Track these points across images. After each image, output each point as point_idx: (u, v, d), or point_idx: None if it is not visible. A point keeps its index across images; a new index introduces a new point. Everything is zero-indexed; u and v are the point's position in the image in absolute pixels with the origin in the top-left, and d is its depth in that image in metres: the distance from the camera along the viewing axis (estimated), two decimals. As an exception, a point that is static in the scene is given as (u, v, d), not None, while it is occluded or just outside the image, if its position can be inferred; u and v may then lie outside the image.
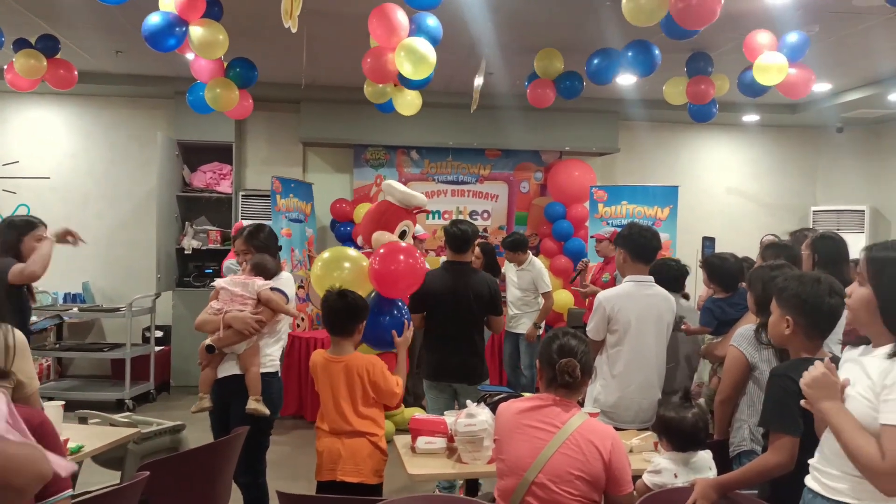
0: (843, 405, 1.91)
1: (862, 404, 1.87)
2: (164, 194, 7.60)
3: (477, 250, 5.91)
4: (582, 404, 3.10)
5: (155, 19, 4.20)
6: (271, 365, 3.74)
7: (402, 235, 4.00)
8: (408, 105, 5.46)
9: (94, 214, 8.03)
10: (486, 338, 4.71)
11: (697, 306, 4.67)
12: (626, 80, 7.05)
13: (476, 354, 4.37)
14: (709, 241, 7.50)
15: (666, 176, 8.82)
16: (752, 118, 8.67)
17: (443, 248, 8.42)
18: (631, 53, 4.99)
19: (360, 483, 3.17)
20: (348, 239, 8.06)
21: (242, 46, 5.28)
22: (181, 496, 2.99)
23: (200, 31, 4.37)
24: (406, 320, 3.77)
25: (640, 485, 2.65)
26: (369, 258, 3.83)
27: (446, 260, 4.50)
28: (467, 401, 3.20)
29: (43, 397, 2.89)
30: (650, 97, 7.69)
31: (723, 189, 9.30)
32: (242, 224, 5.68)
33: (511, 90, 6.95)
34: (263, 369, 3.68)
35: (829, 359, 2.20)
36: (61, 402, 3.29)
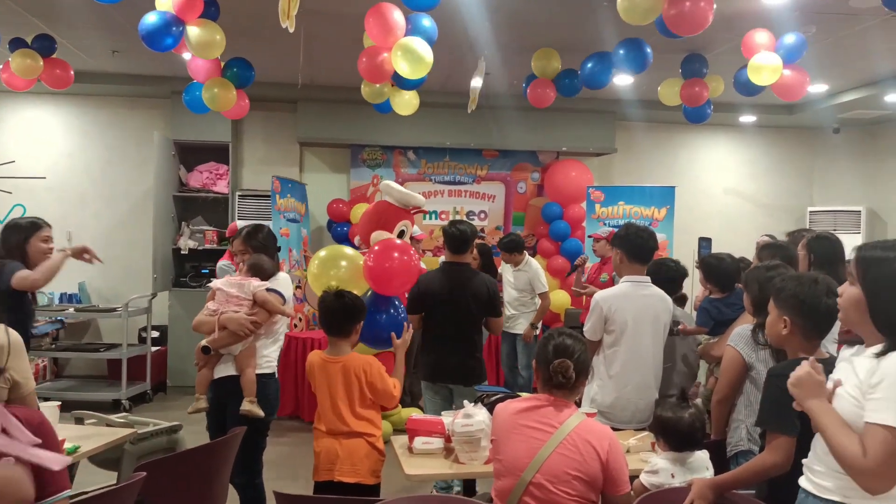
0: (828, 404, 1.92)
1: (849, 403, 1.88)
2: (161, 194, 7.59)
3: (474, 251, 5.89)
4: (579, 405, 3.10)
5: (152, 19, 4.18)
6: (268, 366, 3.71)
7: (401, 235, 4.00)
8: (405, 105, 5.45)
9: (90, 214, 8.02)
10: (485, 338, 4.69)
11: (694, 306, 4.67)
12: (622, 80, 7.07)
13: (474, 356, 4.34)
14: (705, 242, 7.52)
15: (663, 176, 8.83)
16: (749, 119, 8.68)
17: (440, 249, 8.48)
18: (623, 51, 4.97)
19: (358, 483, 3.17)
20: (345, 239, 8.05)
21: (239, 46, 5.28)
22: (178, 497, 2.98)
23: (197, 30, 4.36)
24: (404, 321, 3.76)
25: (637, 485, 2.65)
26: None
27: (445, 261, 4.48)
28: (464, 401, 3.20)
29: (39, 398, 2.88)
30: (647, 97, 7.70)
31: (720, 189, 9.31)
32: (237, 225, 5.68)
33: (508, 90, 6.96)
34: (260, 370, 3.65)
35: (826, 359, 2.20)
36: (57, 403, 3.29)
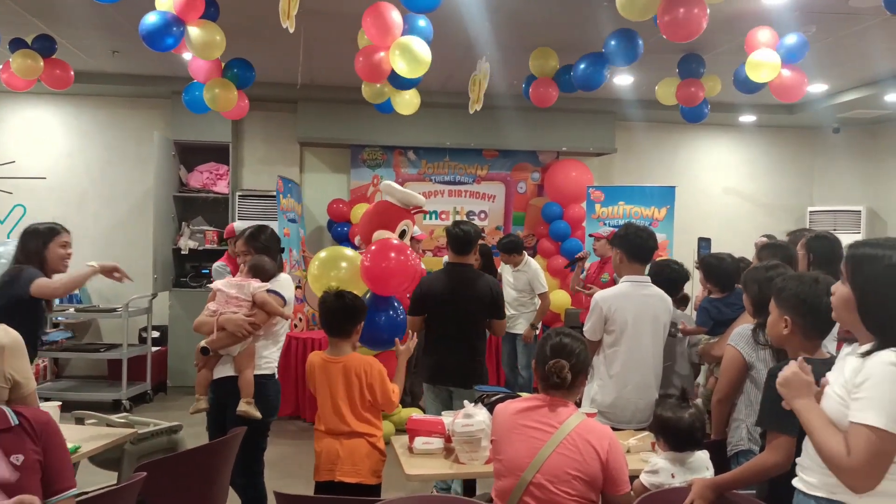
0: (815, 403, 1.93)
1: (835, 402, 1.89)
2: (161, 194, 7.59)
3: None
4: (579, 405, 3.10)
5: (152, 19, 4.17)
6: (267, 367, 3.70)
7: (402, 235, 4.00)
8: (406, 104, 5.45)
9: (90, 214, 8.02)
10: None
11: (694, 306, 4.66)
12: (622, 80, 7.08)
13: (475, 358, 4.29)
14: (704, 242, 7.51)
15: (663, 176, 8.83)
16: (749, 118, 8.68)
17: (440, 249, 8.48)
18: (614, 42, 4.91)
19: (359, 483, 3.17)
20: (345, 239, 8.06)
21: (239, 46, 5.27)
22: (178, 497, 2.98)
23: (198, 31, 4.35)
24: (404, 322, 3.75)
25: (637, 485, 2.65)
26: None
27: (448, 262, 4.44)
28: (465, 401, 3.20)
29: (40, 398, 2.88)
30: (647, 97, 7.69)
31: (720, 189, 9.31)
32: (234, 226, 5.66)
33: (508, 90, 6.95)
34: (259, 371, 3.64)
35: (827, 359, 2.20)
36: (58, 403, 3.29)
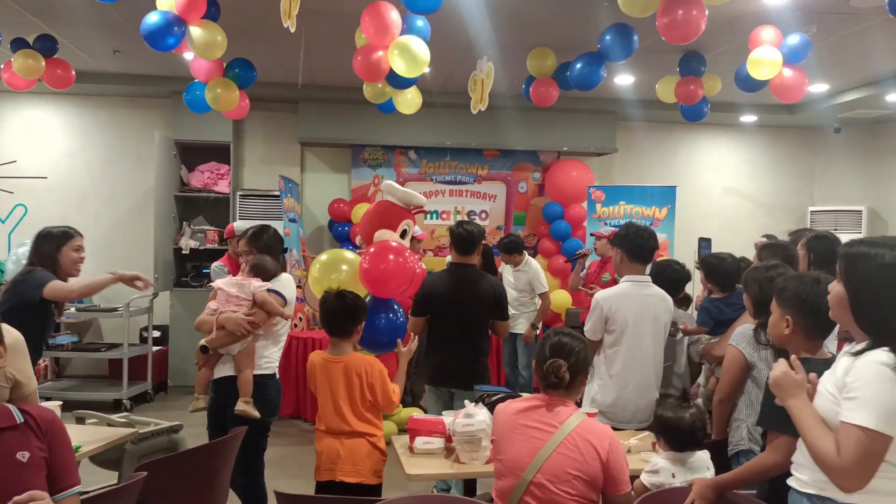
0: (806, 402, 1.94)
1: (827, 400, 1.90)
2: (162, 194, 7.59)
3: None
4: (580, 404, 3.10)
5: (154, 18, 4.17)
6: (267, 367, 3.69)
7: (403, 235, 3.98)
8: (408, 104, 5.45)
9: (91, 214, 8.02)
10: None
11: (696, 306, 4.66)
12: (623, 80, 7.08)
13: (478, 359, 4.25)
14: (705, 242, 7.50)
15: (664, 176, 8.83)
16: (749, 118, 8.68)
17: (441, 249, 8.48)
18: (609, 37, 4.86)
19: (359, 483, 3.17)
20: (346, 239, 8.06)
21: (240, 46, 5.27)
22: (179, 496, 2.98)
23: (199, 31, 4.35)
24: (404, 325, 3.74)
25: (637, 485, 2.65)
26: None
27: (451, 262, 4.42)
28: (465, 400, 3.20)
29: (41, 397, 2.88)
30: (648, 97, 7.69)
31: (720, 189, 9.31)
32: (234, 226, 5.66)
33: (509, 90, 6.95)
34: (259, 371, 3.64)
35: (828, 359, 2.20)
36: (59, 403, 3.29)
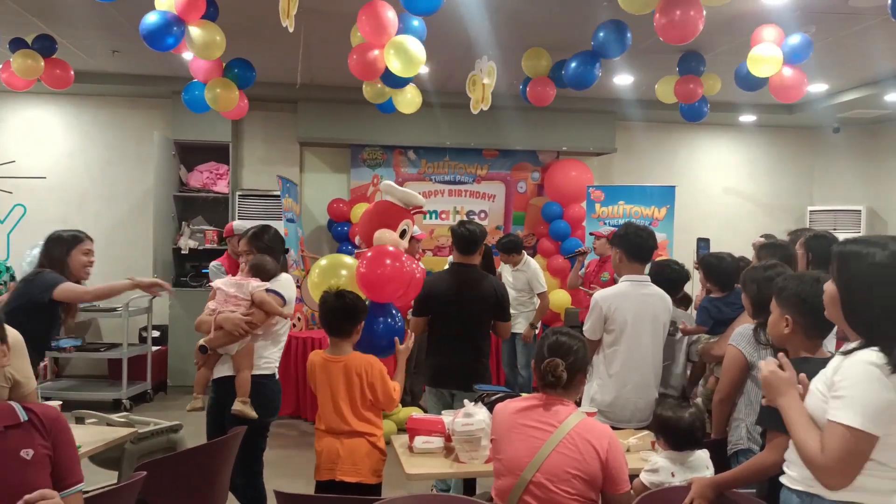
0: (796, 400, 1.95)
1: (817, 398, 1.90)
2: (161, 194, 7.60)
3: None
4: (579, 404, 3.10)
5: (153, 18, 4.16)
6: (266, 367, 3.69)
7: (402, 235, 3.97)
8: (408, 103, 5.45)
9: (90, 214, 8.01)
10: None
11: (695, 306, 4.66)
12: (622, 80, 7.08)
13: (479, 360, 4.22)
14: (703, 243, 7.50)
15: (663, 176, 8.84)
16: (749, 118, 8.68)
17: (440, 248, 8.48)
18: (602, 34, 4.82)
19: (359, 483, 3.17)
20: (345, 239, 8.06)
21: (239, 46, 5.27)
22: (178, 496, 2.98)
23: (198, 31, 4.35)
24: (402, 330, 3.73)
25: (637, 484, 2.66)
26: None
27: (453, 261, 4.39)
28: (465, 400, 3.20)
29: (41, 397, 2.88)
30: (647, 97, 7.69)
31: (720, 189, 9.31)
32: (233, 225, 5.66)
33: (508, 90, 6.95)
34: (258, 371, 3.64)
35: (827, 358, 2.20)
36: (59, 402, 3.29)
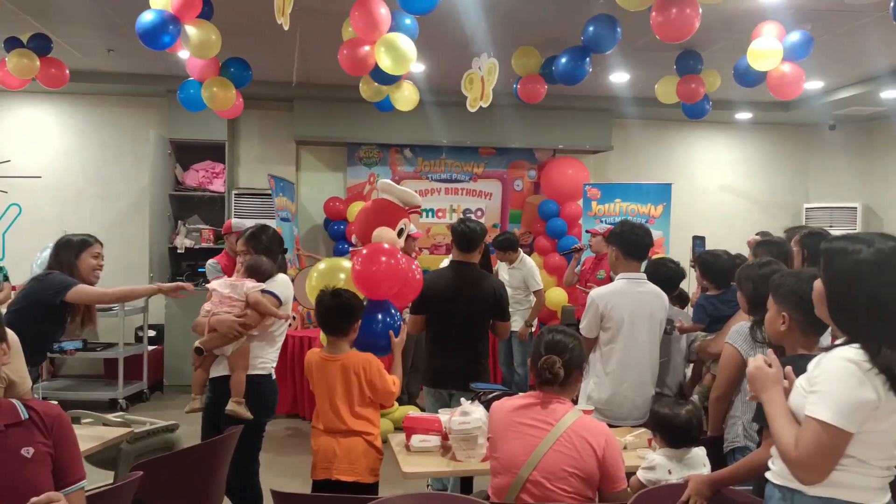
0: (778, 396, 1.95)
1: (798, 395, 1.91)
2: (157, 193, 7.58)
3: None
4: (576, 402, 3.10)
5: (149, 17, 4.15)
6: (262, 367, 3.68)
7: (399, 233, 3.96)
8: (405, 100, 5.44)
9: (86, 213, 7.98)
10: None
11: (691, 304, 4.66)
12: (619, 77, 7.08)
13: (478, 360, 4.17)
14: (699, 240, 7.50)
15: (659, 174, 8.84)
16: (745, 116, 8.69)
17: (437, 247, 8.48)
18: (592, 28, 4.81)
19: (356, 482, 3.17)
20: (342, 238, 8.05)
21: (235, 45, 5.26)
22: (175, 496, 2.98)
23: (194, 30, 4.34)
24: (399, 323, 3.73)
25: (634, 481, 2.66)
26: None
27: (452, 259, 4.33)
28: (462, 398, 3.20)
29: (39, 398, 2.88)
30: (643, 95, 7.70)
31: (716, 186, 9.32)
32: (232, 222, 5.66)
33: (504, 88, 6.93)
34: (254, 371, 3.63)
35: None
36: (54, 402, 3.28)
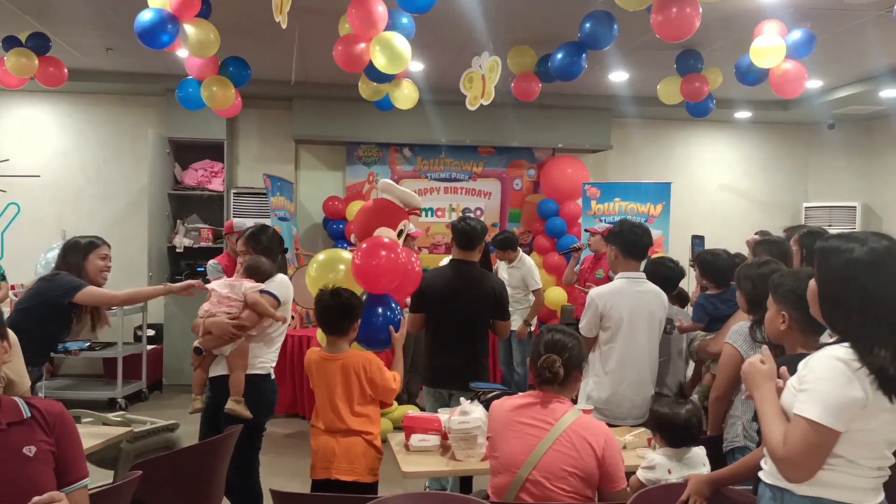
0: (770, 393, 1.95)
1: (789, 393, 1.91)
2: (156, 192, 7.58)
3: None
4: (575, 401, 3.10)
5: (147, 16, 4.14)
6: (260, 367, 3.68)
7: (399, 234, 3.95)
8: (405, 98, 5.44)
9: (85, 213, 7.98)
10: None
11: (691, 303, 4.66)
12: (618, 77, 7.08)
13: (478, 360, 4.13)
14: (698, 240, 7.50)
15: (659, 173, 8.84)
16: (744, 115, 8.69)
17: (436, 246, 8.48)
18: (589, 24, 4.79)
19: (355, 481, 3.16)
20: (341, 237, 8.05)
21: (234, 44, 5.26)
22: (174, 495, 2.97)
23: (192, 29, 4.34)
24: (399, 318, 3.73)
25: (633, 480, 2.66)
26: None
27: (452, 258, 4.29)
28: (461, 398, 3.20)
29: (38, 397, 2.87)
30: (642, 94, 7.70)
31: (715, 186, 9.32)
32: (233, 222, 5.65)
33: (504, 87, 6.93)
34: (253, 370, 3.63)
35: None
36: (56, 401, 3.27)
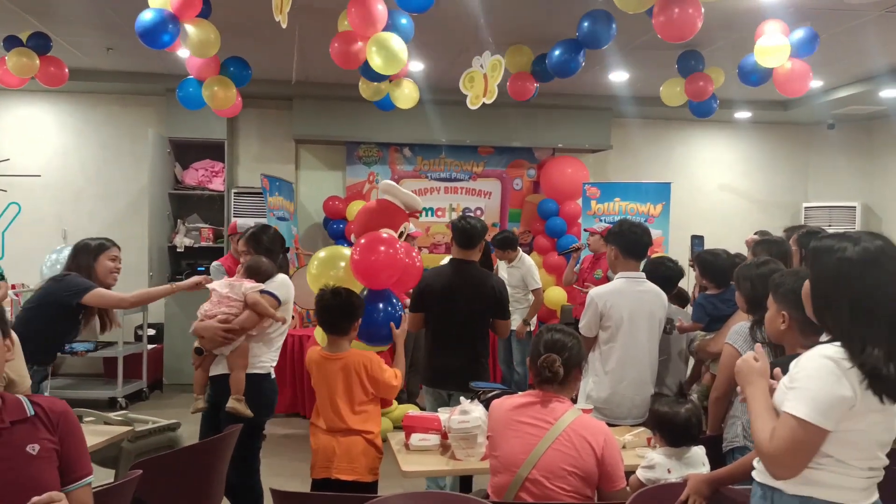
0: (761, 390, 1.96)
1: (780, 391, 1.91)
2: (156, 192, 7.58)
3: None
4: (575, 401, 3.11)
5: (148, 16, 4.14)
6: (260, 367, 3.69)
7: (400, 236, 3.96)
8: (405, 98, 5.44)
9: (85, 212, 7.98)
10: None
11: (691, 303, 4.67)
12: (618, 77, 7.08)
13: (478, 359, 4.11)
14: (698, 240, 7.50)
15: (658, 173, 8.84)
16: (744, 115, 8.69)
17: (436, 246, 8.48)
18: (587, 23, 4.78)
19: (355, 481, 3.17)
20: (341, 236, 8.05)
21: (234, 43, 5.26)
22: (175, 494, 2.98)
23: (193, 29, 4.34)
24: (400, 313, 3.74)
25: (633, 480, 2.67)
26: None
27: (452, 257, 4.27)
28: (461, 397, 3.21)
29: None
30: (642, 94, 7.70)
31: (715, 185, 9.32)
32: (237, 223, 5.66)
33: (504, 87, 6.94)
34: (253, 370, 3.64)
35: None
36: (60, 399, 3.28)
